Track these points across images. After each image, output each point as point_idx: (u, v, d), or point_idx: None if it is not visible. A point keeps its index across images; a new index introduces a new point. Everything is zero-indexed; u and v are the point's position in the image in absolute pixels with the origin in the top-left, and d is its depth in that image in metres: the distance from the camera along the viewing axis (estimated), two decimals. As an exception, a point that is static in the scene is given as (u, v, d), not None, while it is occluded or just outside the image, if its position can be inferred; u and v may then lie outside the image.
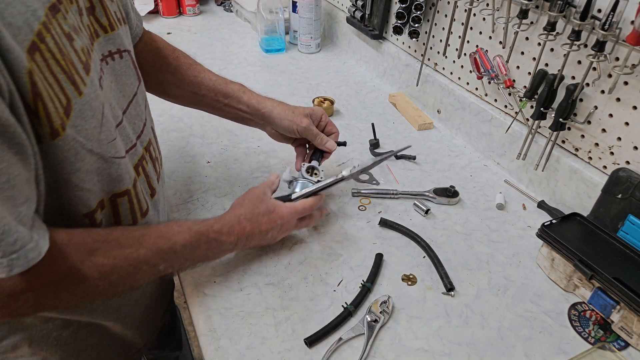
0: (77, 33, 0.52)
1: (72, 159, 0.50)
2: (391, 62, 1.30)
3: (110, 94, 0.60)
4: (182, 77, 0.85)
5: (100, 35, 0.59)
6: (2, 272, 0.44)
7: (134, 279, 0.59)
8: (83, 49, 0.53)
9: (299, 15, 1.48)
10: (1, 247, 0.43)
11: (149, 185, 0.68)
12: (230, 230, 0.68)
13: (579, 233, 0.75)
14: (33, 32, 0.44)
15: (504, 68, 0.93)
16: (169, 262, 0.62)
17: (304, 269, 0.75)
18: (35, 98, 0.44)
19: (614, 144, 0.79)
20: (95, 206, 0.57)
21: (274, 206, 0.73)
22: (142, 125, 0.68)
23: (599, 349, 0.64)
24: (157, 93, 0.87)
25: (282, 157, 1.02)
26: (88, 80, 0.52)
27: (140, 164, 0.66)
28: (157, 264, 0.60)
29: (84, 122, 0.50)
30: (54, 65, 0.46)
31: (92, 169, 0.54)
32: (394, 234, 0.83)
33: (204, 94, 0.85)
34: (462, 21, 1.02)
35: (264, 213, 0.72)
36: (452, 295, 0.72)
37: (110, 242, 0.56)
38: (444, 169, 1.00)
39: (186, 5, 1.78)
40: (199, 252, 0.65)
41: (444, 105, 1.13)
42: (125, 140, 0.62)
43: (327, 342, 0.64)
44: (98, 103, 0.53)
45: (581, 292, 0.71)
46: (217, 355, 0.62)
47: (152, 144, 0.71)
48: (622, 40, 0.71)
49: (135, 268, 0.57)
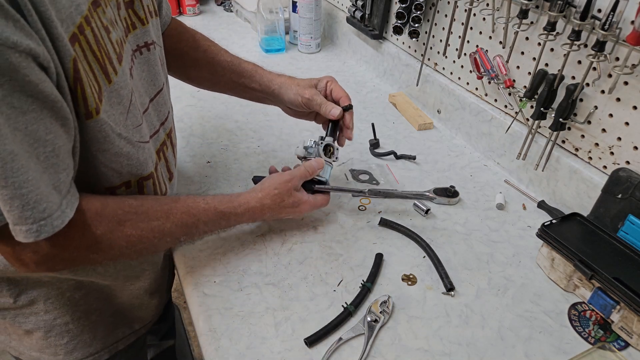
0: (113, 26, 0.57)
1: (102, 140, 0.55)
2: (391, 62, 1.30)
3: (140, 83, 0.65)
4: (200, 58, 0.88)
5: (137, 27, 0.65)
6: (32, 236, 0.49)
7: (156, 248, 0.68)
8: (118, 40, 0.58)
9: (299, 15, 1.48)
10: (33, 214, 0.48)
11: (167, 170, 0.74)
12: (251, 216, 0.73)
13: (579, 233, 0.75)
14: (75, 24, 0.49)
15: (504, 68, 0.93)
16: (190, 235, 0.68)
17: (304, 269, 0.75)
18: (76, 82, 0.49)
19: (614, 144, 0.78)
20: (119, 184, 0.62)
21: (299, 201, 0.76)
22: (167, 113, 0.74)
23: (599, 349, 0.64)
24: (177, 74, 0.91)
25: (282, 157, 1.02)
26: (120, 69, 0.57)
27: (162, 149, 0.71)
28: (179, 236, 0.66)
29: (112, 108, 0.55)
30: (89, 55, 0.52)
31: (121, 152, 0.58)
32: (394, 234, 0.83)
33: (220, 74, 0.88)
34: (462, 21, 1.02)
35: (288, 206, 0.75)
36: (452, 295, 0.72)
37: (140, 215, 0.61)
38: (444, 169, 1.00)
39: (186, 5, 1.78)
40: (217, 227, 0.71)
41: (444, 105, 1.13)
42: (150, 127, 0.67)
43: (327, 342, 0.64)
44: (126, 91, 0.58)
45: (581, 292, 0.71)
46: (217, 355, 0.62)
47: (172, 131, 0.77)
48: (622, 40, 0.71)
49: (160, 239, 0.63)
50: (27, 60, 0.43)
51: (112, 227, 0.58)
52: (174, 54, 0.85)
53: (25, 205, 0.47)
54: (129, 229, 0.59)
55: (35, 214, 0.48)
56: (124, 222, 0.59)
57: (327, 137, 0.83)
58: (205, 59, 0.88)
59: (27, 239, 0.49)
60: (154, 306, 0.84)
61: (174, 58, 0.85)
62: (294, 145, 1.05)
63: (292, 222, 0.84)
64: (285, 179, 0.75)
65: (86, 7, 0.51)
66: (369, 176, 0.97)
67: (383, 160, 1.03)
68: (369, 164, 1.01)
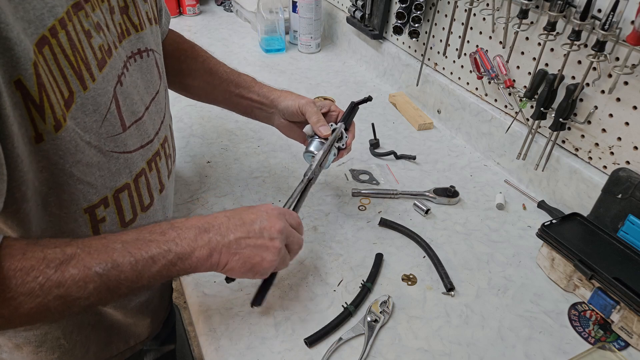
0: (98, 31, 0.54)
1: (73, 150, 0.51)
2: (391, 62, 1.30)
3: (134, 91, 0.61)
4: (198, 68, 0.87)
5: (132, 33, 0.62)
6: None
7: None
8: (102, 46, 0.55)
9: (299, 15, 1.48)
10: None
11: (159, 181, 0.70)
12: (193, 219, 0.60)
13: (579, 233, 0.75)
14: (46, 27, 0.46)
15: (504, 68, 0.93)
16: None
17: (304, 269, 0.75)
18: (40, 89, 0.46)
19: (614, 144, 0.78)
20: (98, 201, 0.58)
21: (280, 229, 0.63)
22: (160, 122, 0.69)
23: (599, 349, 0.64)
24: (173, 86, 0.90)
25: (282, 157, 1.02)
26: (99, 76, 0.53)
27: (154, 159, 0.67)
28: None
29: (84, 115, 0.52)
30: (62, 60, 0.48)
31: (92, 162, 0.55)
32: (394, 234, 0.83)
33: (216, 84, 0.87)
34: (462, 21, 1.02)
35: (242, 208, 0.63)
36: (452, 295, 0.72)
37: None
38: (444, 169, 1.00)
39: (186, 5, 1.78)
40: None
41: (444, 105, 1.13)
42: (143, 136, 0.64)
43: (327, 342, 0.64)
44: (105, 99, 0.54)
45: (581, 292, 0.71)
46: (217, 355, 0.62)
47: (167, 140, 0.72)
48: (622, 40, 0.71)
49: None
50: None
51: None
52: (171, 62, 0.84)
53: None
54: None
55: None
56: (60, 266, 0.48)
57: (339, 123, 0.81)
58: (203, 68, 0.87)
59: None
60: (151, 322, 0.81)
61: (171, 66, 0.84)
62: (294, 145, 1.05)
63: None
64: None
65: (63, 9, 0.48)
66: (369, 176, 0.97)
67: (383, 160, 1.03)
68: (369, 164, 1.01)
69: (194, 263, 0.55)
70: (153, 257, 0.52)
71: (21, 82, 0.44)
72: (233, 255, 0.58)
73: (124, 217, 0.63)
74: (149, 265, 0.52)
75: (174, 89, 0.91)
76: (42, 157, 0.49)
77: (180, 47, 0.87)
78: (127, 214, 0.63)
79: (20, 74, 0.44)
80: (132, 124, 0.61)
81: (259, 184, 0.93)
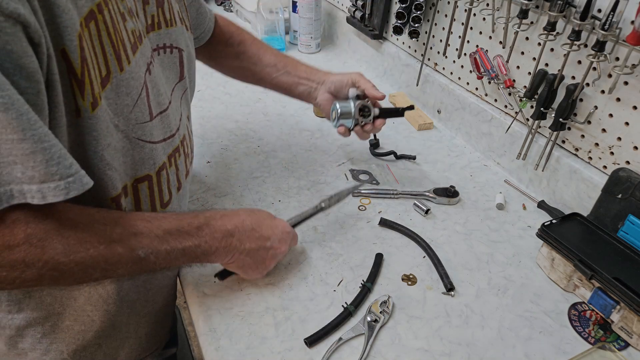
0: (131, 16, 0.55)
1: (105, 132, 0.51)
2: (391, 62, 1.30)
3: (160, 82, 0.62)
4: (245, 50, 0.93)
5: (162, 27, 0.63)
6: (60, 194, 0.44)
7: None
8: (134, 31, 0.55)
9: (299, 15, 1.48)
10: (59, 170, 0.43)
11: (177, 178, 0.69)
12: (225, 218, 0.64)
13: (579, 233, 0.75)
14: (94, 2, 0.47)
15: (504, 68, 0.93)
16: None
17: (304, 269, 0.75)
18: (83, 63, 0.46)
19: (614, 144, 0.78)
20: (121, 190, 0.58)
21: (284, 227, 0.71)
22: (179, 119, 0.70)
23: (599, 349, 0.64)
24: (218, 67, 0.96)
25: (282, 157, 1.02)
26: (133, 59, 0.54)
27: (174, 155, 0.68)
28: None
29: (117, 97, 0.52)
30: (105, 37, 0.49)
31: (118, 147, 0.55)
32: (394, 234, 0.83)
33: (264, 65, 0.92)
34: (462, 21, 1.02)
35: (266, 217, 0.69)
36: (452, 295, 0.72)
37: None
38: (444, 169, 1.00)
39: (186, 5, 1.78)
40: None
41: (444, 105, 1.13)
42: (166, 129, 0.64)
43: (327, 342, 0.64)
44: (137, 83, 0.55)
45: (581, 292, 0.71)
46: (217, 355, 0.62)
47: (185, 139, 0.73)
48: (622, 40, 0.71)
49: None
50: (14, 27, 0.38)
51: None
52: (219, 46, 0.91)
53: (49, 160, 0.42)
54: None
55: (62, 170, 0.43)
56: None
57: (367, 100, 0.87)
58: (250, 49, 0.93)
59: (57, 198, 0.43)
60: (155, 342, 0.82)
61: (219, 49, 0.91)
62: (294, 145, 1.05)
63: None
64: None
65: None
66: (369, 176, 0.97)
67: (383, 160, 1.03)
68: (369, 164, 1.01)
69: (211, 260, 0.63)
70: (185, 249, 0.58)
71: (65, 52, 0.44)
72: (240, 261, 0.65)
73: (141, 211, 0.63)
74: (180, 255, 0.58)
75: (221, 70, 0.96)
76: (79, 133, 0.49)
77: (225, 31, 0.92)
78: (144, 207, 0.63)
79: (65, 44, 0.44)
80: (158, 114, 0.61)
81: (259, 184, 0.93)
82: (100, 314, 0.67)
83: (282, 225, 0.70)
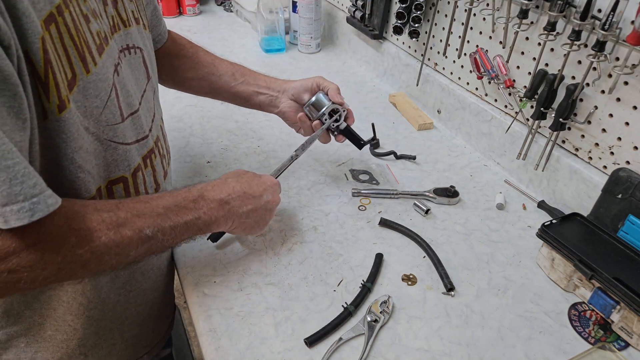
0: (95, 17, 0.54)
1: (75, 135, 0.51)
2: (391, 62, 1.30)
3: (128, 83, 0.62)
4: (199, 61, 0.90)
5: (121, 28, 0.63)
6: (25, 217, 0.42)
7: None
8: (99, 32, 0.55)
9: (299, 15, 1.48)
10: (23, 190, 0.41)
11: (154, 180, 0.69)
12: (217, 188, 0.67)
13: (579, 233, 0.75)
14: (53, 4, 0.46)
15: (504, 68, 0.93)
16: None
17: (304, 269, 0.75)
18: (47, 65, 0.45)
19: (614, 144, 0.78)
20: (95, 192, 0.58)
21: (258, 174, 0.75)
22: (151, 120, 0.70)
23: (599, 349, 0.64)
24: (172, 82, 0.92)
25: (282, 157, 1.01)
26: (100, 61, 0.53)
27: (149, 156, 0.68)
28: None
29: (85, 99, 0.52)
30: (67, 39, 0.48)
31: (89, 149, 0.55)
32: (394, 234, 0.83)
33: (220, 74, 0.90)
34: (462, 21, 1.02)
35: (252, 177, 0.73)
36: (452, 295, 0.72)
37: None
38: (444, 169, 1.00)
39: (186, 5, 1.78)
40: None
41: (444, 105, 1.13)
42: (138, 130, 0.64)
43: (327, 342, 0.64)
44: (106, 85, 0.54)
45: (581, 292, 0.71)
46: (217, 355, 0.62)
47: (159, 140, 0.72)
48: (622, 40, 0.71)
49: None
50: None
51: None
52: (169, 57, 0.87)
53: (12, 179, 0.40)
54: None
55: (26, 190, 0.42)
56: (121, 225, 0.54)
57: (340, 106, 0.87)
58: (205, 60, 0.90)
59: (21, 221, 0.42)
60: (145, 345, 0.81)
61: (169, 61, 0.87)
62: (294, 145, 1.05)
63: (292, 222, 0.84)
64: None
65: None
66: (369, 176, 0.97)
67: (383, 160, 1.03)
68: (369, 164, 1.01)
69: (213, 229, 0.66)
70: (187, 223, 0.61)
71: (28, 54, 0.44)
72: (241, 224, 0.69)
73: None
74: (184, 230, 0.61)
75: (175, 86, 0.93)
76: (48, 136, 0.49)
77: (178, 43, 0.89)
78: None
79: (27, 46, 0.43)
80: (129, 115, 0.61)
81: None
82: (82, 322, 0.67)
83: (268, 179, 0.74)
